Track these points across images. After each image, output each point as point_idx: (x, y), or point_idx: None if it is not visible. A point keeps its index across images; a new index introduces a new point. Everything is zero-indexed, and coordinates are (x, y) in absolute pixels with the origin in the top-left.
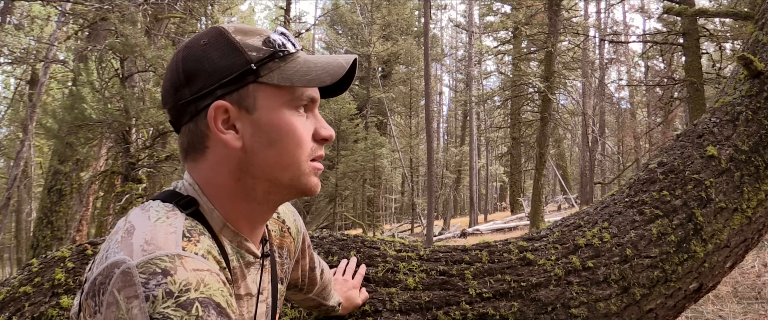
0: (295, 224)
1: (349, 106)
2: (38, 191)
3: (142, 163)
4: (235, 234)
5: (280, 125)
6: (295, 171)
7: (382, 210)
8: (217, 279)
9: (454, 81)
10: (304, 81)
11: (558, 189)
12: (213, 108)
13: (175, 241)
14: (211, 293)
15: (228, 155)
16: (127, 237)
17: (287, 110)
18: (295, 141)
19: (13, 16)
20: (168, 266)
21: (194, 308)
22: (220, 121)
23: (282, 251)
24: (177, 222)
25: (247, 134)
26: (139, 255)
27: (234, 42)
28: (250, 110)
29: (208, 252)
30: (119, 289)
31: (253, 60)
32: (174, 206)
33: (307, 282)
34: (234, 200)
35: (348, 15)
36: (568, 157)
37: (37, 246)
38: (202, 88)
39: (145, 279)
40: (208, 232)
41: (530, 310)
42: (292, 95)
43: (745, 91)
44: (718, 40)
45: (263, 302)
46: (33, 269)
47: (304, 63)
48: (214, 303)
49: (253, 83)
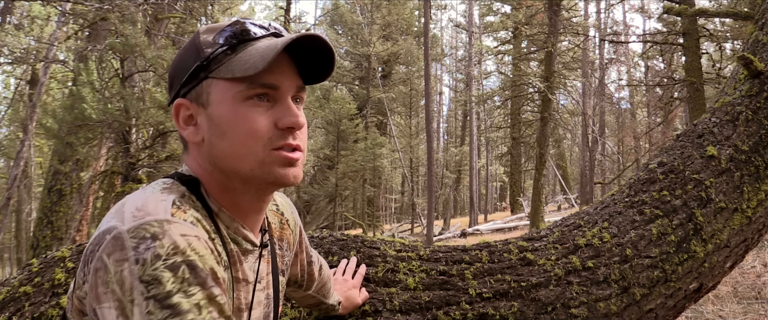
0: (293, 216)
1: (349, 106)
2: (38, 191)
3: (142, 163)
4: (231, 220)
5: (229, 116)
6: (251, 162)
7: (382, 210)
8: (204, 245)
9: (454, 81)
10: (242, 70)
11: (558, 189)
12: (174, 106)
13: (164, 208)
14: (197, 257)
15: (198, 150)
16: (120, 208)
17: (239, 101)
18: (245, 131)
19: (13, 16)
20: (157, 230)
21: (181, 270)
22: (183, 117)
23: (282, 243)
24: (171, 194)
25: (205, 129)
26: (129, 220)
27: (196, 41)
28: (206, 105)
29: (198, 221)
30: (109, 254)
31: (204, 56)
32: (175, 181)
33: (306, 277)
34: (218, 190)
35: (348, 15)
36: (568, 157)
37: (37, 246)
38: (175, 89)
39: (136, 243)
40: (207, 211)
41: (530, 310)
42: (242, 86)
43: (745, 91)
44: (718, 40)
45: (262, 291)
46: (33, 269)
47: (249, 51)
48: (201, 267)
49: (206, 78)
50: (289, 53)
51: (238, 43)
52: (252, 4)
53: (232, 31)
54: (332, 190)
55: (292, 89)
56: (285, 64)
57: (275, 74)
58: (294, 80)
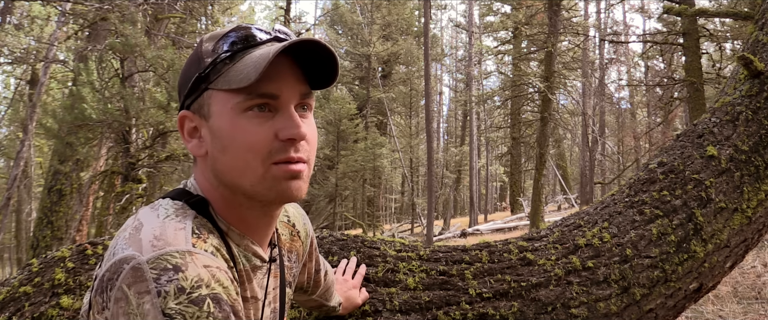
0: (305, 227)
1: (349, 106)
2: (38, 191)
3: (142, 163)
4: (241, 237)
5: (228, 129)
6: (252, 177)
7: (382, 210)
8: (226, 277)
9: (454, 81)
10: (237, 81)
11: (558, 189)
12: (179, 117)
13: (184, 237)
14: (221, 289)
15: (203, 163)
16: (135, 234)
17: (237, 113)
18: (244, 145)
19: (13, 16)
20: (179, 262)
21: (206, 304)
22: (187, 130)
23: (291, 255)
24: (186, 220)
25: (208, 142)
26: (148, 250)
27: (198, 50)
28: (207, 117)
29: (217, 250)
30: (129, 285)
31: (204, 66)
32: (184, 205)
33: (312, 284)
34: (224, 206)
35: (348, 15)
36: (568, 157)
37: (37, 246)
38: (181, 100)
39: (157, 275)
40: (218, 232)
41: (530, 310)
42: (241, 97)
43: (745, 91)
44: (718, 40)
45: (269, 306)
46: (33, 269)
47: (245, 61)
48: (225, 300)
49: (206, 89)
50: (293, 58)
51: (238, 50)
52: (252, 4)
53: (233, 37)
54: (332, 190)
55: (295, 96)
56: (286, 71)
57: (275, 83)
58: (297, 87)
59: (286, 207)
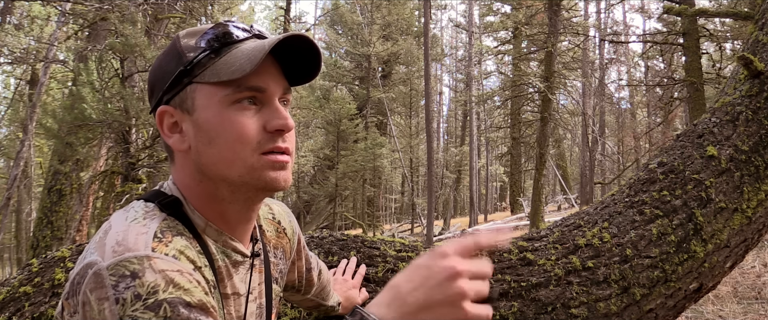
0: (291, 224)
1: (349, 106)
2: (38, 191)
3: (142, 163)
4: (219, 234)
5: (216, 121)
6: (241, 167)
7: (382, 210)
8: (188, 279)
9: (454, 81)
10: (228, 73)
11: (558, 189)
12: (157, 113)
13: (144, 242)
14: (181, 292)
15: (184, 158)
16: (103, 237)
17: (225, 105)
18: (233, 136)
19: (13, 16)
20: (136, 268)
21: (162, 309)
22: (167, 125)
23: (277, 251)
24: (152, 223)
25: (191, 136)
26: (109, 256)
27: (177, 46)
28: (191, 111)
29: (181, 253)
30: (91, 290)
31: (187, 61)
32: (155, 206)
33: (304, 284)
34: (205, 201)
35: (348, 15)
36: (568, 157)
37: (37, 246)
38: (157, 96)
39: (115, 282)
40: (191, 232)
41: (530, 310)
42: (229, 90)
43: (745, 91)
44: (718, 40)
45: (254, 302)
46: (33, 269)
47: (234, 54)
48: (185, 302)
49: (189, 83)
50: (273, 55)
51: (221, 46)
52: (252, 4)
53: (214, 33)
54: (332, 190)
55: (279, 90)
56: (271, 66)
57: (262, 77)
58: (280, 82)
59: (271, 205)
